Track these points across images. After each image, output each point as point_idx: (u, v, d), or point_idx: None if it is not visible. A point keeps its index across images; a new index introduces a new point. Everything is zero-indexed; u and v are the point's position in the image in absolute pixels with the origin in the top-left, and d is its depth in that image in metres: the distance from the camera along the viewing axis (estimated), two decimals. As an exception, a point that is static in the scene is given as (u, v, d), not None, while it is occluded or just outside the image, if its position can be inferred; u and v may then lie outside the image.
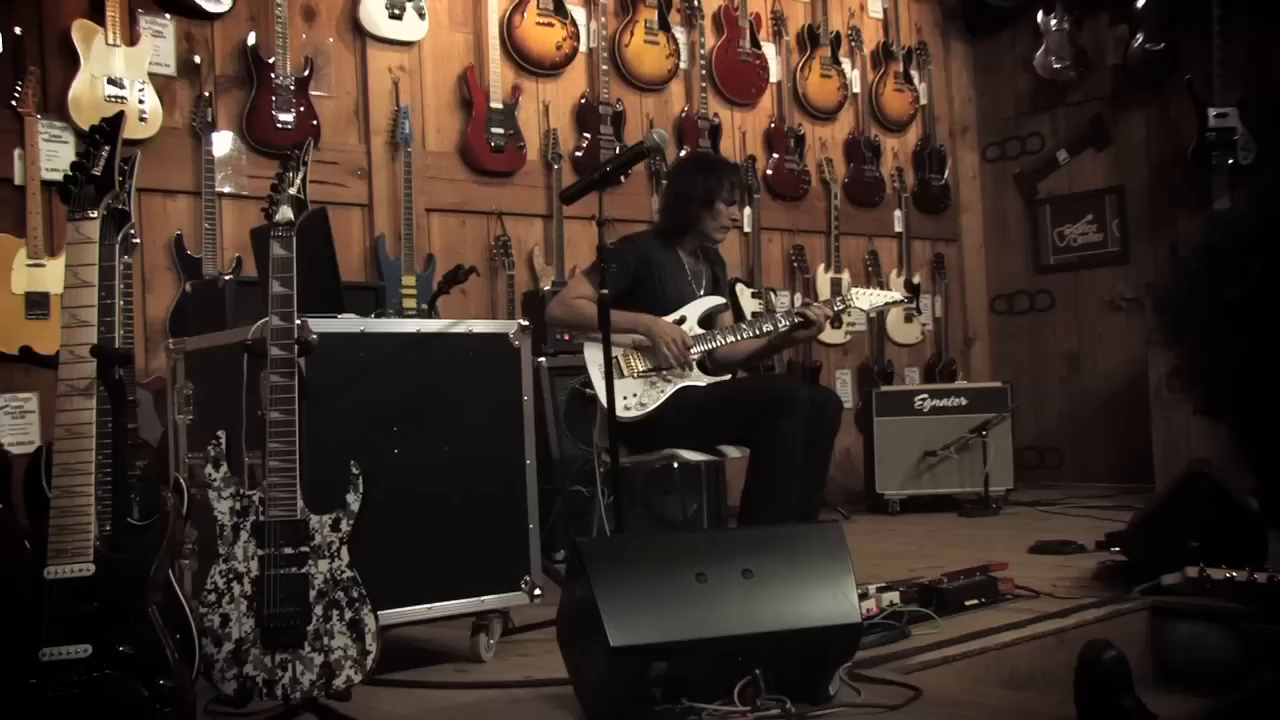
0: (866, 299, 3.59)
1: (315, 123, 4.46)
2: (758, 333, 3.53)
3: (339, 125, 4.65)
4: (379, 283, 4.43)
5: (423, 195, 4.77)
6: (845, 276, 6.07)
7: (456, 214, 4.92)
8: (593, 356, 3.39)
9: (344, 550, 2.18)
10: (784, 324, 3.50)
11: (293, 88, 4.39)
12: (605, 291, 2.91)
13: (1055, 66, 6.42)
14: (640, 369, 3.47)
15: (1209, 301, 0.92)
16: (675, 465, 3.50)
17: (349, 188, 4.63)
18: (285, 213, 2.26)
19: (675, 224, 3.65)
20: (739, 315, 5.40)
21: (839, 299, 3.59)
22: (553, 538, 4.24)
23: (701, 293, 3.66)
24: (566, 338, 4.56)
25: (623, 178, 4.94)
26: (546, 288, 4.88)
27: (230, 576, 2.10)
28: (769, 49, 5.92)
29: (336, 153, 4.60)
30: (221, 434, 2.17)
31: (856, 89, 6.34)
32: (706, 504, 4.34)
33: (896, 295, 3.68)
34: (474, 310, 4.90)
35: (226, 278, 3.84)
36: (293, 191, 2.26)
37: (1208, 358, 0.93)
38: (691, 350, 3.48)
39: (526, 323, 3.00)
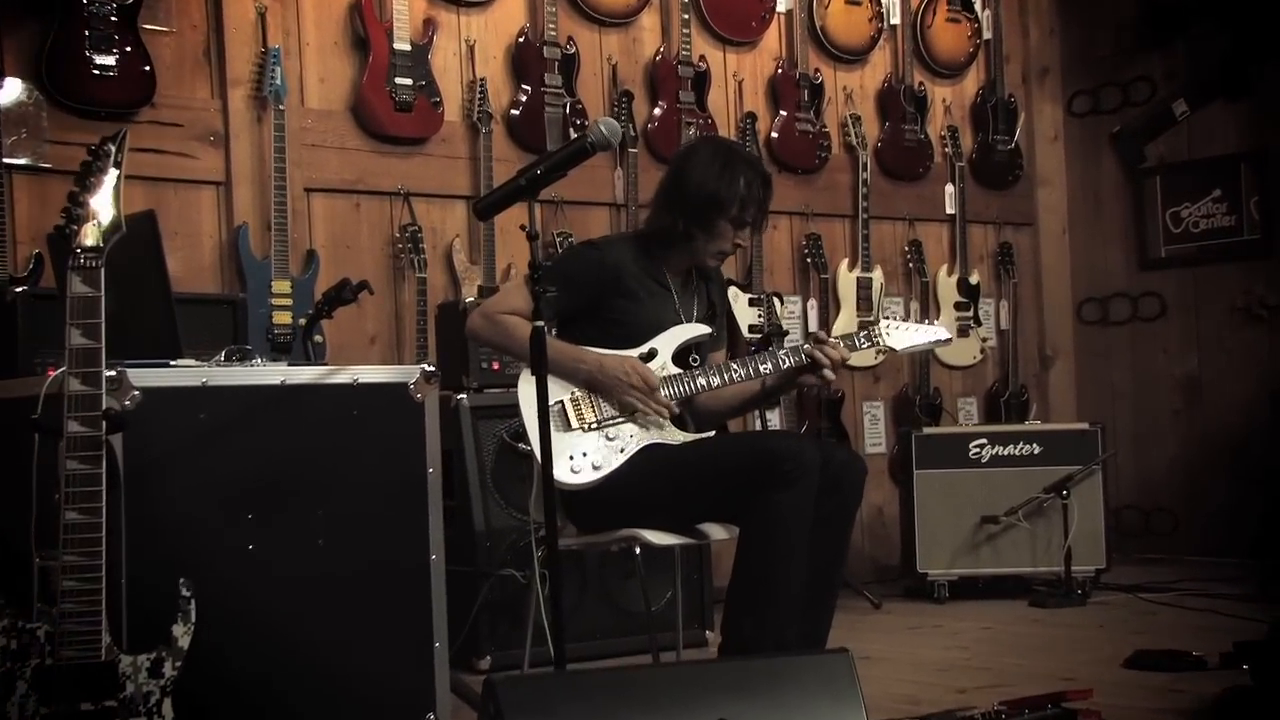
0: (902, 336, 3.59)
1: (148, 69, 4.43)
2: (752, 373, 3.53)
3: (182, 72, 4.63)
4: (237, 294, 4.43)
5: (301, 169, 4.76)
6: (877, 275, 6.09)
7: (348, 195, 4.91)
8: (528, 398, 3.38)
9: (167, 703, 2.17)
10: (787, 361, 3.51)
11: (115, 19, 4.35)
12: (541, 324, 2.90)
13: (1172, -17, 6.47)
14: (593, 419, 3.48)
15: None
16: (637, 550, 3.49)
17: (198, 159, 4.60)
18: (90, 233, 2.25)
19: (661, 230, 3.65)
20: (734, 338, 5.40)
21: (863, 334, 3.59)
22: (475, 639, 4.28)
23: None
24: (496, 366, 4.57)
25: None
26: (470, 297, 4.87)
27: (2, 747, 2.08)
28: (776, -35, 5.97)
29: (179, 110, 4.57)
30: (-4, 544, 2.15)
31: (895, 20, 6.36)
32: (683, 592, 4.35)
33: (943, 333, 3.67)
34: (371, 327, 4.89)
35: (19, 288, 3.82)
36: (98, 203, 2.24)
37: None
38: (662, 394, 3.48)
39: (432, 368, 3.00)
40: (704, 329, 3.64)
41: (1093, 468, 5.45)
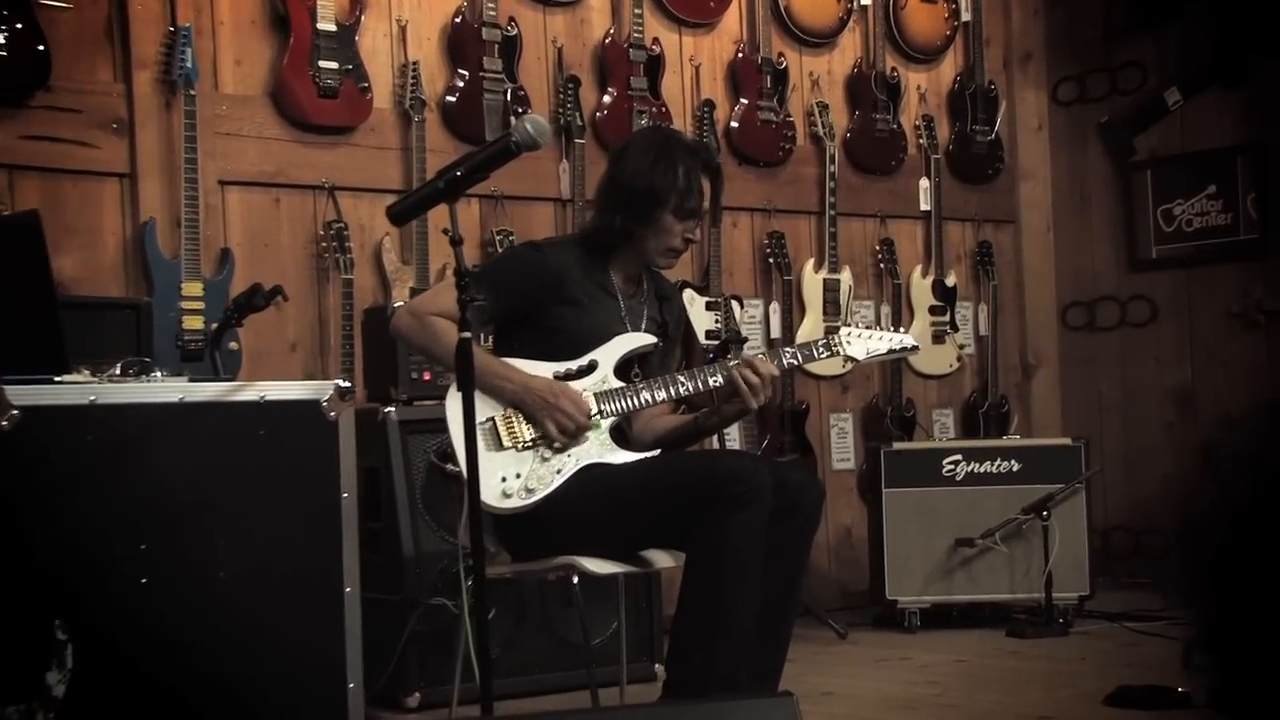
0: (864, 344, 3.62)
1: (42, 48, 4.39)
2: (700, 386, 3.54)
3: (81, 52, 4.58)
4: (142, 298, 4.40)
5: (215, 160, 4.73)
6: (845, 277, 6.10)
7: (266, 188, 4.89)
8: (456, 414, 3.37)
9: (41, 759, 2.14)
10: (717, 379, 3.52)
11: (2, -9, 4.34)
12: (468, 335, 2.90)
13: (1164, -38, 6.50)
14: (529, 438, 3.48)
15: (1244, 555, 0.95)
16: (575, 580, 3.48)
17: (99, 148, 4.57)
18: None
19: (602, 231, 3.65)
20: (690, 346, 5.39)
21: (821, 343, 3.62)
22: (403, 673, 4.26)
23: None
24: (427, 377, 4.56)
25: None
26: (400, 301, 4.84)
27: None
28: (736, -60, 5.98)
29: (78, 95, 4.54)
30: None
31: (866, 0, 6.36)
32: (629, 623, 4.35)
33: (908, 340, 3.71)
34: (292, 333, 4.87)
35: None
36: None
37: (1243, 632, 0.96)
38: (598, 412, 3.47)
39: (347, 384, 2.99)
40: (648, 339, 3.64)
41: (1075, 486, 5.47)
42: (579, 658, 4.40)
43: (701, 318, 5.59)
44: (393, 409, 4.36)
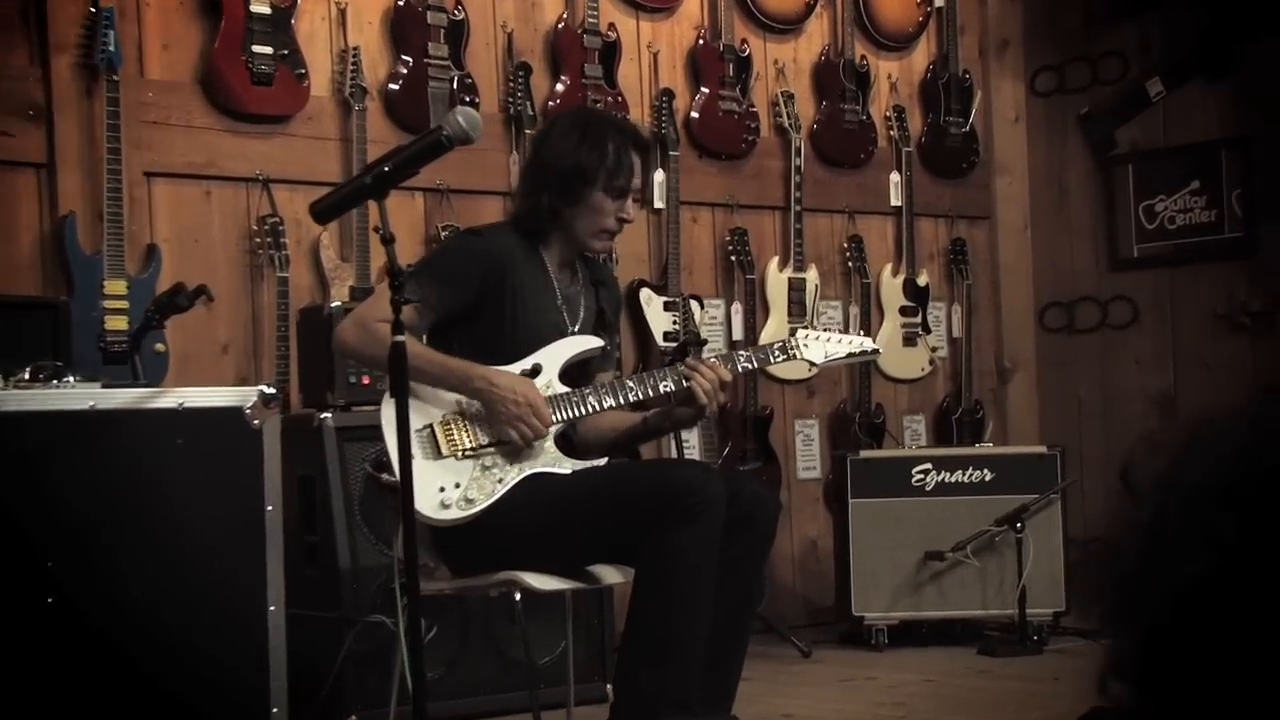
0: (822, 348, 3.63)
1: (-46, 31, 4.38)
2: (649, 391, 3.54)
3: (-6, 35, 4.56)
4: (60, 298, 4.36)
5: (141, 151, 4.70)
6: (811, 276, 6.10)
7: (196, 180, 4.86)
8: (391, 421, 3.36)
9: (-70, 792, 2.10)
10: (668, 384, 3.52)
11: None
12: (401, 339, 2.90)
13: (1147, -52, 6.52)
14: (469, 445, 3.47)
15: (1158, 577, 0.94)
16: (517, 596, 3.46)
17: (13, 137, 4.52)
18: None
19: (530, 214, 3.63)
20: (647, 347, 5.38)
21: (776, 346, 3.62)
22: (340, 695, 4.22)
23: (574, 329, 3.65)
24: (365, 381, 4.53)
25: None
26: (338, 300, 4.81)
27: None
28: (696, -80, 5.97)
29: (-9, 80, 4.52)
30: None
31: (834, -17, 6.38)
32: (578, 641, 4.34)
33: (868, 343, 3.75)
34: (223, 334, 4.84)
35: None
36: None
37: (1158, 657, 0.96)
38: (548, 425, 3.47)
39: (272, 389, 2.97)
40: (594, 341, 3.64)
41: (1050, 497, 5.47)
42: (525, 678, 4.39)
43: (659, 318, 5.59)
44: (329, 415, 4.32)
